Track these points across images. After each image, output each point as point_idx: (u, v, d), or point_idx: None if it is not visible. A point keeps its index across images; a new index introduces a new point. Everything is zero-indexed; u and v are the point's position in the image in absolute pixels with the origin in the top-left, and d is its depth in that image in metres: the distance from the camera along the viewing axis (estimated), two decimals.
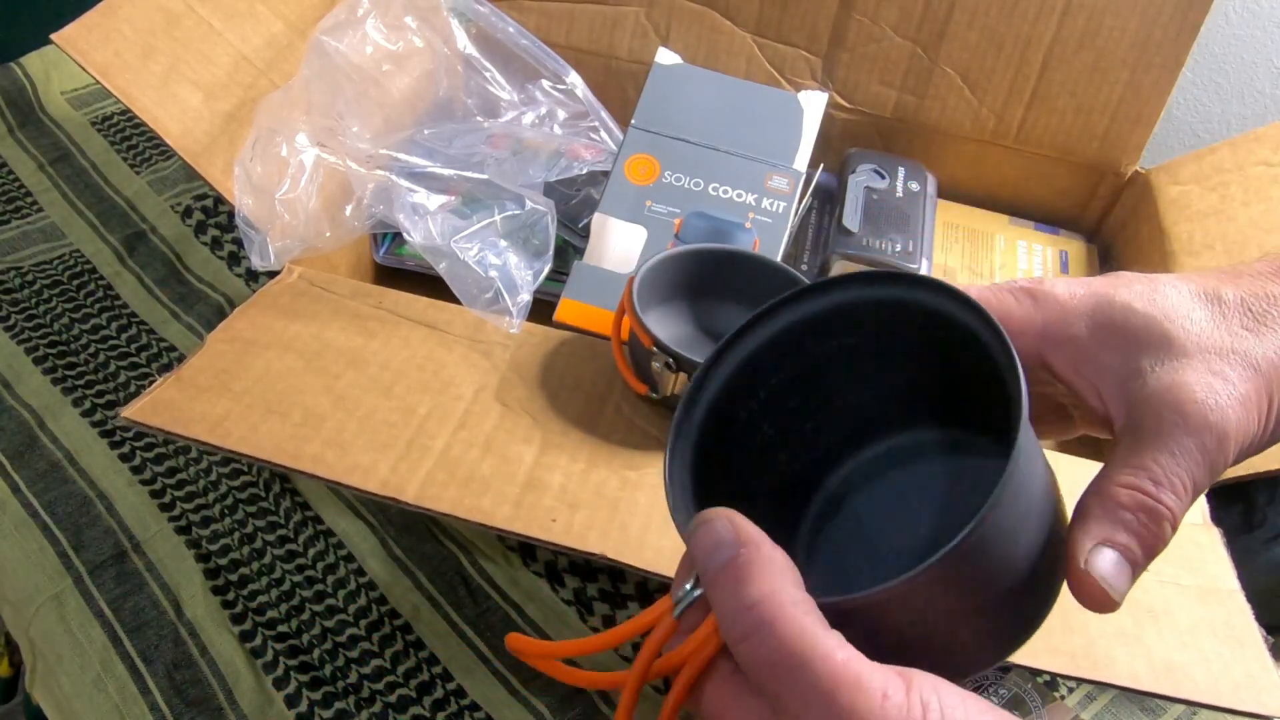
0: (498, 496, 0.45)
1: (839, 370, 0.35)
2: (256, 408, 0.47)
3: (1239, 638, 0.43)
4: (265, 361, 0.50)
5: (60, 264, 0.73)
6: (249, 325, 0.52)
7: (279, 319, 0.52)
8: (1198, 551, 0.46)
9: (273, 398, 0.48)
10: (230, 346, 0.50)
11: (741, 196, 0.64)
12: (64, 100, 0.85)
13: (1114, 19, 0.66)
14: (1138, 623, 0.43)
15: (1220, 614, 0.44)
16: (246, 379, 0.48)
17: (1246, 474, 0.51)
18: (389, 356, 0.51)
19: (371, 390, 0.49)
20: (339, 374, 0.49)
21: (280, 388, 0.48)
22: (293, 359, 0.50)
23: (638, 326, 0.47)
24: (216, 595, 0.55)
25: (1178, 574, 0.45)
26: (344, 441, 0.46)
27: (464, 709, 0.52)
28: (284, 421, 0.46)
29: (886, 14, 0.70)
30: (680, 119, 0.67)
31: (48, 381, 0.65)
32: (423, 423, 0.48)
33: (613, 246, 0.62)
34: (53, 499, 0.59)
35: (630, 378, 0.50)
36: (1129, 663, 0.41)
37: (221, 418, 0.46)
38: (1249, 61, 0.93)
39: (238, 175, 0.55)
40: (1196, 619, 0.43)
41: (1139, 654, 0.42)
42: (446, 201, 0.59)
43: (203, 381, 0.48)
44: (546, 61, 0.69)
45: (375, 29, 0.63)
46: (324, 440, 0.46)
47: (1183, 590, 0.45)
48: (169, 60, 0.55)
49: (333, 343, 0.51)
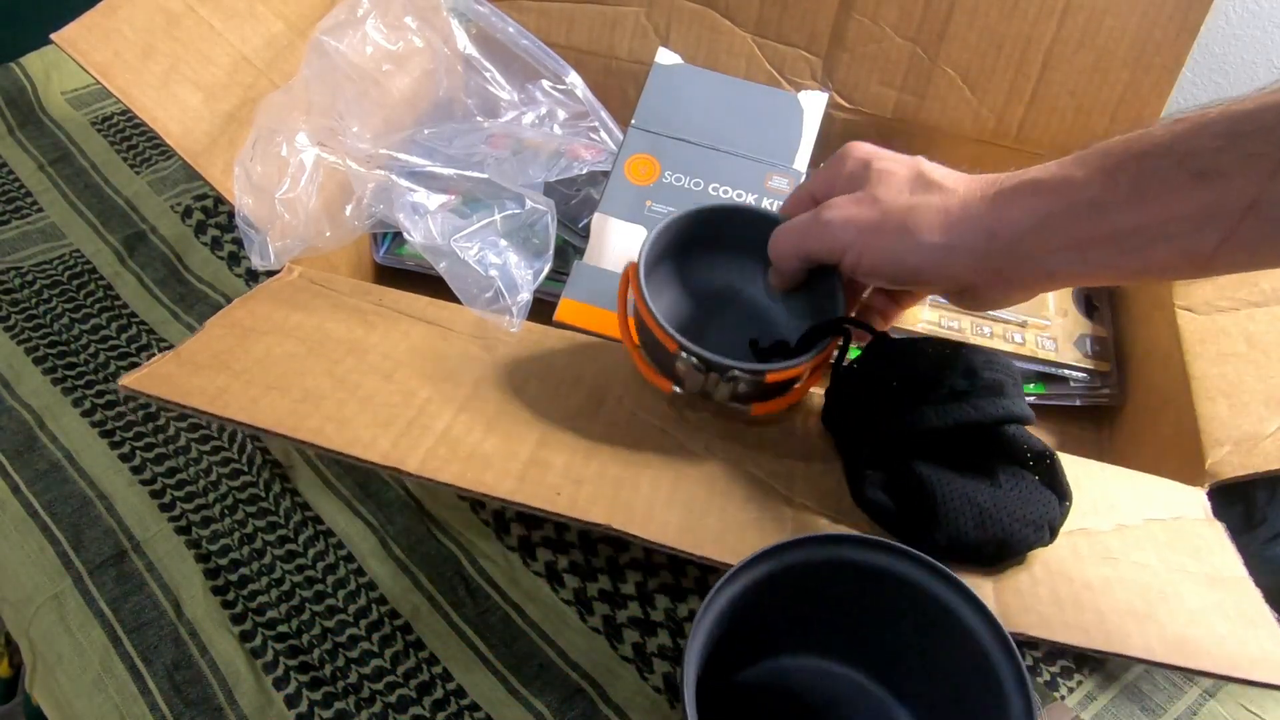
0: (501, 472, 0.44)
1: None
2: (256, 384, 0.47)
3: (1250, 618, 0.43)
4: (265, 346, 0.49)
5: (60, 264, 0.73)
6: (248, 314, 0.51)
7: (279, 309, 0.52)
8: (1202, 544, 0.46)
9: (273, 377, 0.47)
10: (229, 331, 0.50)
11: (741, 196, 0.64)
12: (64, 100, 0.85)
13: (1114, 19, 0.66)
14: (1148, 602, 0.43)
15: (1230, 599, 0.44)
16: (246, 360, 0.48)
17: (1246, 474, 0.51)
18: (390, 348, 0.51)
19: (372, 375, 0.49)
20: (339, 359, 0.49)
21: (280, 369, 0.48)
22: (293, 344, 0.50)
23: (660, 333, 0.46)
24: (216, 595, 0.55)
25: (1184, 561, 0.45)
26: (345, 417, 0.46)
27: (464, 709, 0.52)
28: (284, 397, 0.46)
29: (886, 14, 0.70)
30: (680, 119, 0.67)
31: (48, 381, 0.65)
32: (424, 405, 0.47)
33: (613, 246, 0.62)
34: (53, 499, 0.59)
35: (655, 378, 0.49)
36: (1142, 638, 0.41)
37: (221, 390, 0.46)
38: (1249, 61, 0.93)
39: (238, 175, 0.55)
40: (1206, 602, 0.43)
41: (1151, 630, 0.42)
42: (446, 201, 0.59)
43: (201, 360, 0.47)
44: (546, 61, 0.69)
45: (375, 29, 0.63)
46: (324, 415, 0.46)
47: (1190, 576, 0.45)
48: (169, 60, 0.55)
49: (333, 333, 0.51)
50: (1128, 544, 0.46)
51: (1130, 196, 0.38)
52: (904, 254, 0.43)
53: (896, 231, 0.43)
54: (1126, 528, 0.47)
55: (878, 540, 0.41)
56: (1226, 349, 0.56)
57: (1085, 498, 0.47)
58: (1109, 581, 0.44)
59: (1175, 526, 0.47)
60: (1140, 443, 0.61)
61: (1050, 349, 0.65)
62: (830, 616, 0.44)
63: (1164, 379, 0.59)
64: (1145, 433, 0.61)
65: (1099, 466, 0.50)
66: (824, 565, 0.41)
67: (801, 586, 0.42)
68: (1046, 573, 0.44)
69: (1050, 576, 0.44)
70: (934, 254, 0.42)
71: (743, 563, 0.39)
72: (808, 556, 0.41)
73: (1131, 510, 0.48)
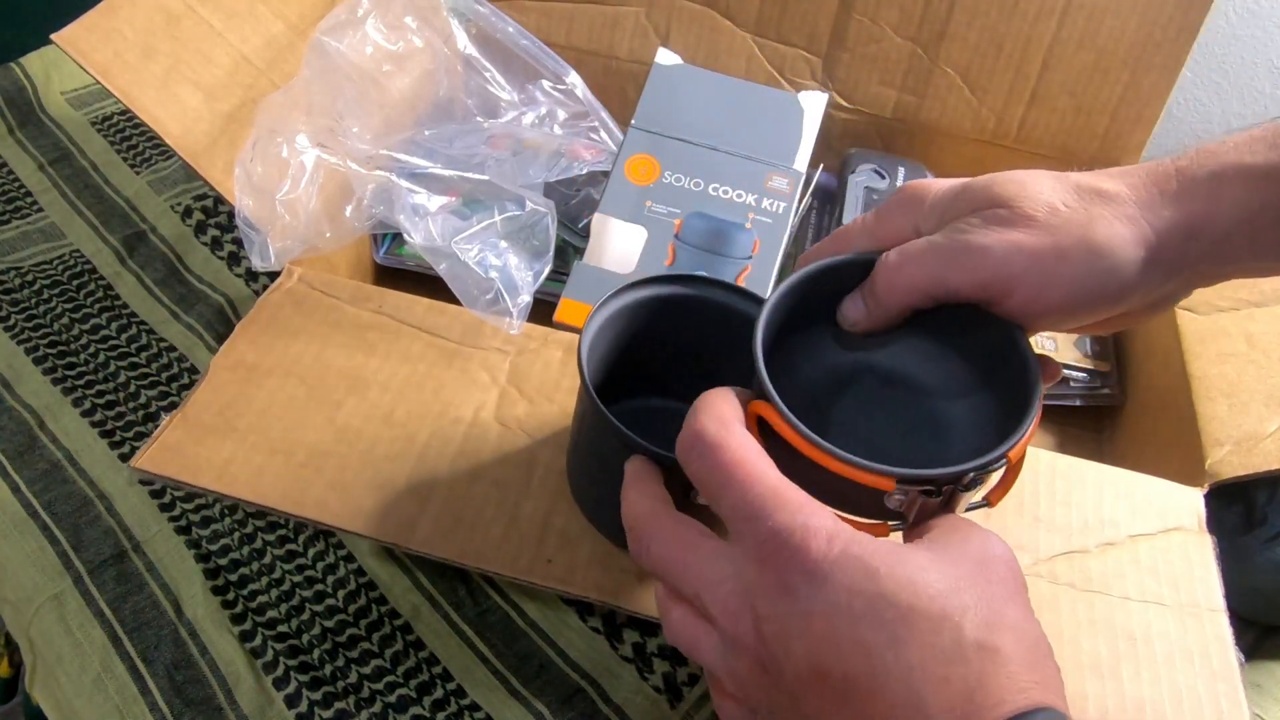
0: (487, 538, 0.46)
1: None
2: (260, 448, 0.48)
3: (1214, 669, 0.43)
4: (268, 392, 0.50)
5: (60, 264, 0.73)
6: (250, 347, 0.52)
7: (280, 338, 0.53)
8: (1186, 567, 0.47)
9: (276, 434, 0.48)
10: (233, 375, 0.51)
11: (741, 197, 0.64)
12: (64, 100, 0.85)
13: (1114, 19, 0.66)
14: (1114, 653, 0.43)
15: (1199, 642, 0.44)
16: (250, 414, 0.49)
17: (1246, 474, 0.51)
18: (389, 376, 0.51)
19: (372, 419, 0.50)
20: (340, 401, 0.50)
21: (283, 424, 0.49)
22: (294, 385, 0.51)
23: (863, 475, 0.33)
24: (216, 595, 0.55)
25: (1162, 591, 0.45)
26: (346, 483, 0.47)
27: (464, 709, 0.52)
28: (288, 462, 0.47)
29: (886, 14, 0.70)
30: (680, 119, 0.67)
31: (48, 381, 0.65)
32: (422, 453, 0.48)
33: (613, 246, 0.62)
34: (53, 499, 0.59)
35: (863, 526, 0.34)
36: (1100, 699, 0.42)
37: (227, 462, 0.47)
38: (1249, 61, 0.93)
39: (238, 175, 0.55)
40: (1175, 647, 0.44)
41: (1110, 691, 0.42)
42: (447, 202, 0.59)
43: (207, 420, 0.49)
44: (546, 61, 0.69)
45: (375, 29, 0.63)
46: (327, 483, 0.47)
47: (1165, 611, 0.45)
48: (169, 60, 0.55)
49: (333, 364, 0.52)
50: (1108, 570, 0.46)
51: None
52: (1100, 281, 0.35)
53: (1084, 253, 0.34)
54: (1111, 547, 0.47)
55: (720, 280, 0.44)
56: (1226, 349, 0.56)
57: (1076, 511, 0.48)
58: (1079, 627, 0.44)
59: (1162, 545, 0.47)
60: (1140, 443, 0.61)
61: (1050, 348, 0.65)
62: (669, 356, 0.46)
63: (1164, 379, 0.59)
64: (1145, 433, 0.61)
65: (1096, 469, 0.50)
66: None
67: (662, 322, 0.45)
68: None
69: None
70: (1137, 274, 0.35)
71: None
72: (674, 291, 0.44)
73: (1121, 524, 0.48)
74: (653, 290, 0.45)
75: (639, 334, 0.46)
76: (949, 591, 0.28)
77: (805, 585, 0.28)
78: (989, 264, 0.35)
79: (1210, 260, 0.35)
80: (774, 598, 0.29)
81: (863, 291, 0.39)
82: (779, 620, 0.29)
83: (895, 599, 0.28)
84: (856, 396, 0.41)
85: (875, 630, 0.27)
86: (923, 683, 0.27)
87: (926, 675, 0.27)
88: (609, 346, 0.45)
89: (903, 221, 0.39)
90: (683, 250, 0.62)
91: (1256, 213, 0.33)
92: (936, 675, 0.27)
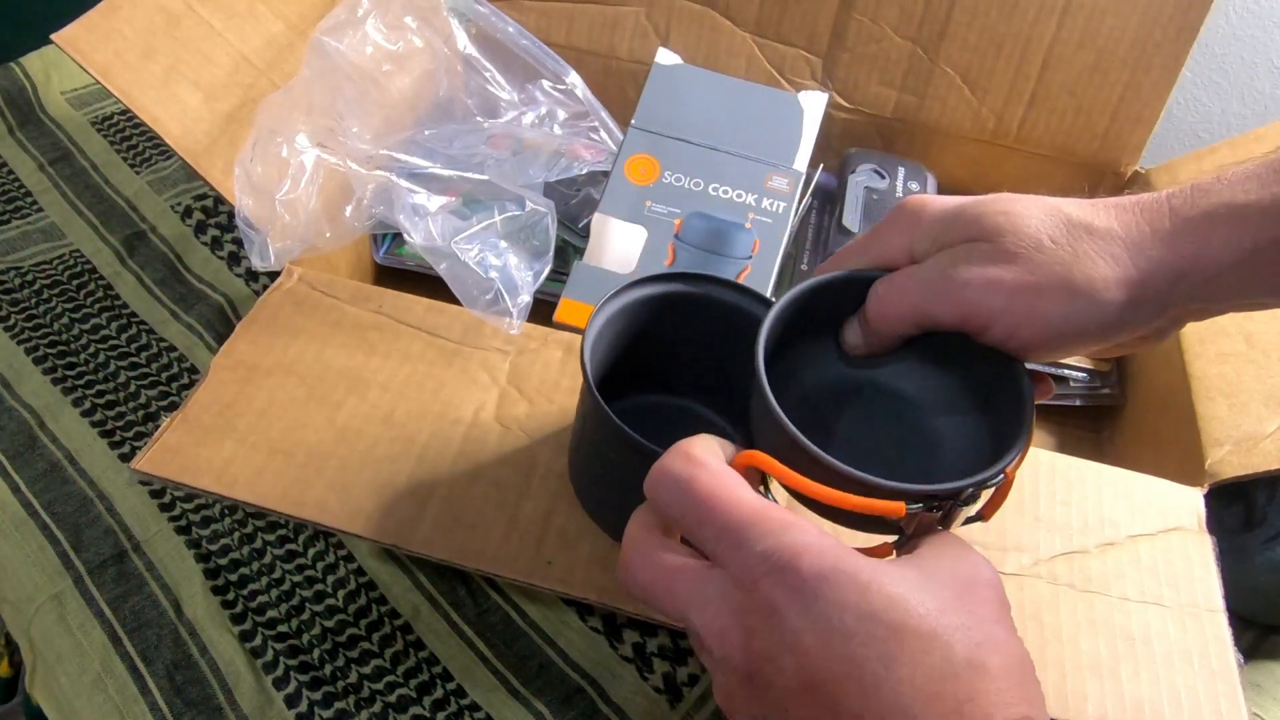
0: (487, 539, 0.46)
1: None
2: (261, 449, 0.48)
3: (1214, 669, 0.43)
4: (268, 392, 0.50)
5: (60, 264, 0.73)
6: (250, 347, 0.52)
7: (279, 337, 0.52)
8: (1185, 567, 0.47)
9: (276, 434, 0.48)
10: (233, 374, 0.51)
11: (741, 197, 0.64)
12: (64, 100, 0.85)
13: (1114, 19, 0.66)
14: (1114, 654, 0.43)
15: (1198, 642, 0.44)
16: (250, 414, 0.49)
17: (1246, 474, 0.51)
18: (389, 375, 0.51)
19: (372, 419, 0.49)
20: (340, 401, 0.50)
21: (283, 424, 0.49)
22: (295, 385, 0.51)
23: (879, 504, 0.33)
24: (216, 595, 0.55)
25: (1161, 592, 0.46)
26: (346, 484, 0.47)
27: (464, 709, 0.52)
28: (288, 463, 0.47)
29: (886, 14, 0.70)
30: (680, 119, 0.67)
31: (48, 381, 0.65)
32: (422, 453, 0.48)
33: (613, 246, 0.62)
34: (53, 499, 0.59)
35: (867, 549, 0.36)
36: (1099, 700, 0.42)
37: (227, 463, 0.47)
38: (1249, 61, 0.93)
39: (238, 175, 0.55)
40: (1174, 648, 0.44)
41: (1109, 691, 0.42)
42: (447, 202, 0.59)
43: (207, 421, 0.49)
44: (546, 61, 0.69)
45: (375, 29, 0.63)
46: (327, 484, 0.47)
47: (1165, 612, 0.45)
48: (169, 60, 0.55)
49: (334, 363, 0.52)
50: (1108, 570, 0.46)
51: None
52: (1079, 321, 0.35)
53: (1062, 294, 0.35)
54: (1111, 547, 0.47)
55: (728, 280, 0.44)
56: (1226, 349, 0.56)
57: (1076, 512, 0.48)
58: (1079, 627, 0.44)
59: (1163, 545, 0.47)
60: (1140, 443, 0.61)
61: None
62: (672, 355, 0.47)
63: (1164, 379, 0.59)
64: (1145, 433, 0.61)
65: (1095, 469, 0.50)
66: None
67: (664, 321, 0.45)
68: (1020, 616, 0.44)
69: (1022, 622, 0.43)
70: (1117, 315, 0.35)
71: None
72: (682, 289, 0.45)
73: (1121, 524, 0.48)
74: (656, 288, 0.45)
75: (642, 332, 0.46)
76: (939, 610, 0.28)
77: (796, 602, 0.28)
78: (968, 298, 0.36)
79: (1199, 299, 0.35)
80: (763, 616, 0.29)
81: (859, 318, 0.40)
82: (768, 636, 0.29)
83: (886, 616, 0.28)
84: (854, 410, 0.41)
85: (866, 646, 0.28)
86: (913, 699, 0.27)
87: (917, 691, 0.27)
88: (611, 344, 0.45)
89: (899, 241, 0.39)
90: (683, 250, 0.62)
91: (1248, 253, 0.33)
92: (927, 691, 0.27)
